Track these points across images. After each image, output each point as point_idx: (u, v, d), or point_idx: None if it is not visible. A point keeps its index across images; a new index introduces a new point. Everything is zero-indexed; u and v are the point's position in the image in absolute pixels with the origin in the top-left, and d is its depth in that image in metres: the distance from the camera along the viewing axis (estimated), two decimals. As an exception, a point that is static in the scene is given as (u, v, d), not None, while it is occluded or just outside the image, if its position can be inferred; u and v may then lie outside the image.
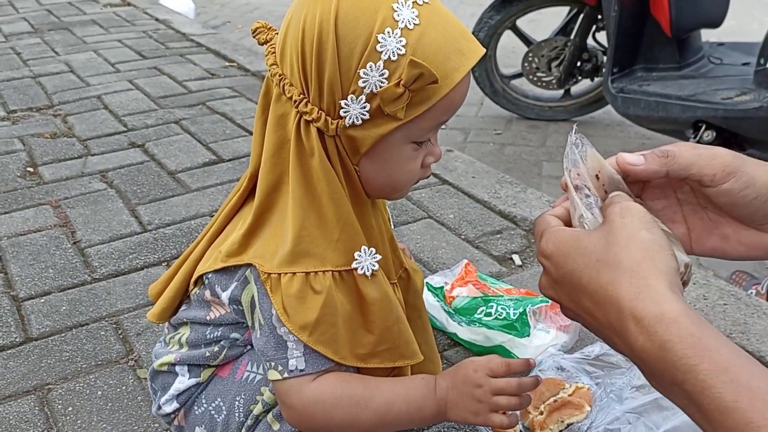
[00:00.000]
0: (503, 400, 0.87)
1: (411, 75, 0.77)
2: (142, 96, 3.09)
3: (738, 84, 2.70)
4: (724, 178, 0.70)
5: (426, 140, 0.87)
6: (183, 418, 1.03)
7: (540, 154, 3.33)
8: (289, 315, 0.85)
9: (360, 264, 0.88)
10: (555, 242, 0.69)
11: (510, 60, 3.94)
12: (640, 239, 0.64)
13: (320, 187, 0.85)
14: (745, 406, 0.53)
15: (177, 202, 2.12)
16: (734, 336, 1.49)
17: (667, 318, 0.58)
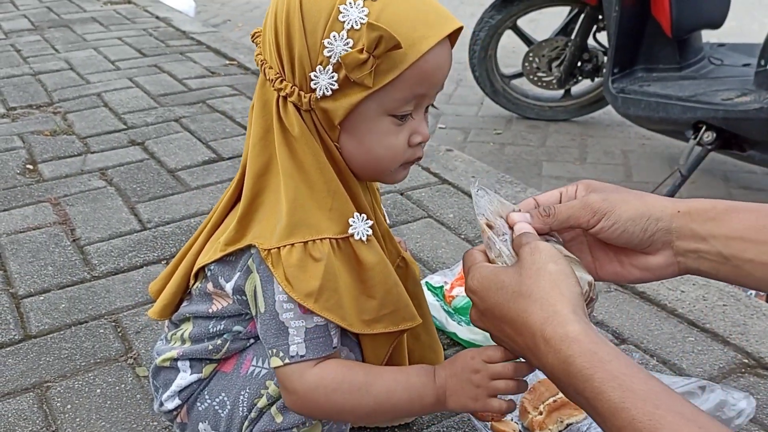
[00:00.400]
0: (501, 384, 0.88)
1: (371, 39, 0.79)
2: (142, 94, 3.09)
3: (738, 85, 2.70)
4: (595, 222, 0.83)
5: (406, 115, 0.88)
6: (186, 414, 1.03)
7: (540, 154, 3.33)
8: (293, 285, 0.86)
9: (355, 230, 0.90)
10: (479, 278, 0.81)
11: (510, 60, 3.93)
12: (548, 271, 0.75)
13: (306, 160, 0.88)
14: (629, 405, 0.63)
15: (177, 200, 2.12)
16: (733, 337, 1.49)
17: (570, 337, 0.69)
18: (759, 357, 1.44)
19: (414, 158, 0.93)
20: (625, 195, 0.85)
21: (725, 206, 0.83)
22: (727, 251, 0.81)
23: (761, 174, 3.06)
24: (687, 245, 0.83)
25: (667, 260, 0.85)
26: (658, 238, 0.84)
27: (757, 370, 1.41)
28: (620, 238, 0.84)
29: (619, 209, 0.83)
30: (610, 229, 0.83)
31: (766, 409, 1.31)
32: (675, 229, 0.83)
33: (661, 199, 0.86)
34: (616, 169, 3.16)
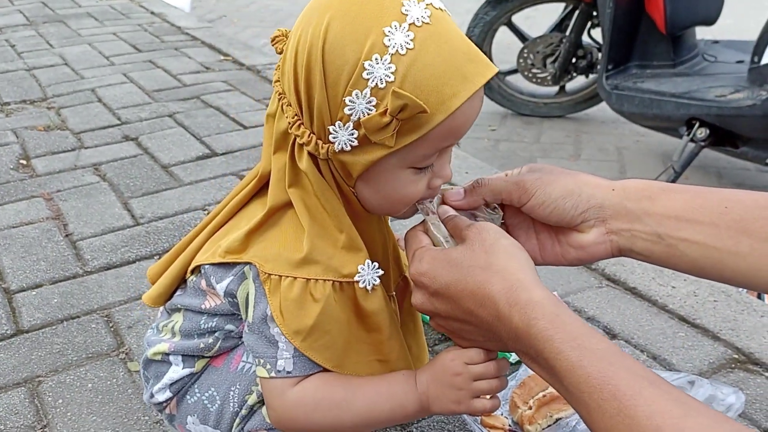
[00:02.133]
0: (484, 384, 0.87)
1: (395, 106, 0.74)
2: (136, 89, 3.08)
3: (732, 82, 2.71)
4: (526, 200, 0.86)
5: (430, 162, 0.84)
6: (175, 406, 1.03)
7: (534, 150, 3.34)
8: (285, 318, 0.85)
9: (362, 278, 0.88)
10: (429, 260, 0.81)
11: (505, 56, 3.94)
12: (502, 245, 0.78)
13: (317, 204, 0.86)
14: (586, 363, 0.67)
15: (170, 195, 2.12)
16: (724, 332, 1.50)
17: (534, 301, 0.72)
18: (749, 352, 1.44)
19: (432, 196, 0.90)
20: (559, 174, 0.87)
21: (660, 186, 0.84)
22: (661, 230, 0.81)
23: (754, 170, 3.07)
24: (620, 224, 0.84)
25: (598, 238, 0.85)
26: (590, 215, 0.84)
27: (747, 366, 1.42)
28: (552, 216, 0.86)
29: (549, 187, 0.85)
30: (541, 207, 0.85)
31: (755, 404, 1.31)
32: (609, 206, 0.84)
33: (595, 178, 0.87)
34: (611, 165, 3.17)
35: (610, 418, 0.64)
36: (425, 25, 0.77)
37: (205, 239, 0.99)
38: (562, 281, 1.69)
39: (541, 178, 0.86)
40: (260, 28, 5.72)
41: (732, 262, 0.79)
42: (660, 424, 0.61)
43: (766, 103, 2.47)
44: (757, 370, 1.40)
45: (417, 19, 0.76)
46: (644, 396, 0.63)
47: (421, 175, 0.84)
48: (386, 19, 0.76)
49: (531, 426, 1.18)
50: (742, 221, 0.79)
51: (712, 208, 0.80)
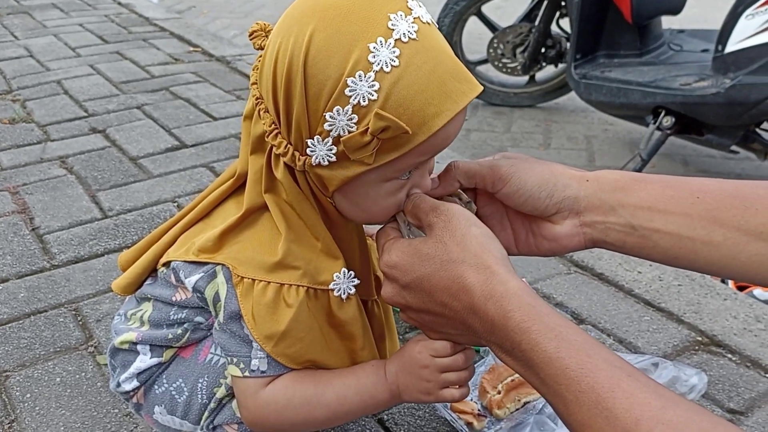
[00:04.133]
0: (452, 376, 0.88)
1: (377, 127, 0.73)
2: (103, 81, 3.04)
3: (697, 70, 2.75)
4: (500, 185, 0.84)
5: (408, 174, 0.83)
6: (142, 396, 1.03)
7: (505, 139, 3.36)
8: (257, 323, 0.85)
9: (338, 286, 0.88)
10: (399, 252, 0.80)
11: (476, 46, 3.95)
12: (473, 235, 0.76)
13: (292, 212, 0.86)
14: (563, 355, 0.66)
15: (139, 188, 2.10)
16: (688, 315, 1.53)
17: (510, 293, 0.71)
18: (712, 335, 1.48)
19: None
20: (534, 163, 0.85)
21: (633, 177, 0.84)
22: (635, 221, 0.81)
23: (719, 158, 3.12)
24: (594, 216, 0.83)
25: (571, 230, 0.84)
26: (565, 205, 0.83)
27: (710, 348, 1.45)
28: (526, 204, 0.84)
29: (525, 174, 0.83)
30: (516, 194, 0.84)
31: (718, 385, 1.35)
32: (583, 197, 0.83)
33: (569, 168, 0.86)
34: (579, 154, 3.21)
35: (588, 410, 0.63)
36: (412, 41, 0.74)
37: (179, 233, 0.98)
38: (531, 268, 1.71)
39: (516, 165, 0.84)
40: (230, 18, 5.66)
41: (705, 252, 0.79)
42: (638, 416, 0.60)
43: (730, 91, 2.51)
44: (720, 352, 1.44)
45: (403, 34, 0.74)
46: (623, 388, 0.62)
47: (401, 187, 0.83)
48: (372, 35, 0.73)
49: (500, 410, 1.20)
50: (714, 210, 0.79)
51: (683, 198, 0.80)
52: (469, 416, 1.19)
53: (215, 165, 2.25)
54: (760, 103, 2.48)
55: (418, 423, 1.24)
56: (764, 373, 1.38)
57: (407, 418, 1.25)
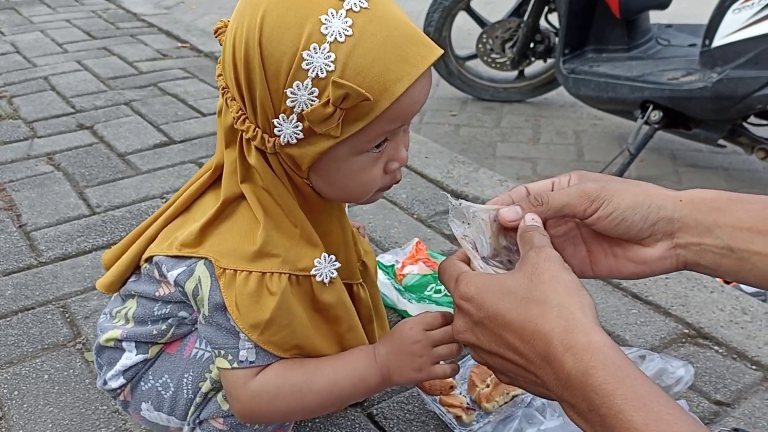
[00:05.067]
0: (443, 349, 0.89)
1: (337, 95, 0.73)
2: (90, 77, 3.02)
3: (684, 65, 2.76)
4: (593, 211, 0.77)
5: (382, 145, 0.83)
6: (129, 393, 1.02)
7: (494, 135, 3.37)
8: (241, 313, 0.84)
9: (319, 271, 0.88)
10: (476, 285, 0.72)
11: (465, 41, 3.95)
12: (564, 279, 0.69)
13: (268, 198, 0.86)
14: (653, 430, 0.58)
15: (127, 184, 2.09)
16: (675, 308, 1.54)
17: (594, 347, 0.63)
18: (699, 327, 1.49)
19: (392, 183, 0.89)
20: (623, 183, 0.79)
21: (728, 196, 0.78)
22: (733, 243, 0.76)
23: (707, 152, 3.14)
24: (689, 238, 0.77)
25: (664, 252, 0.79)
26: (659, 228, 0.77)
27: (696, 340, 1.46)
28: (618, 228, 0.78)
29: (618, 196, 0.77)
30: (608, 218, 0.77)
31: (704, 377, 1.36)
32: (678, 218, 0.77)
33: (660, 188, 0.80)
34: (568, 149, 3.21)
35: None
36: (363, 10, 0.75)
37: (160, 228, 0.98)
38: (520, 262, 1.72)
39: (606, 187, 0.77)
40: (218, 14, 5.63)
41: None
42: None
43: (717, 86, 2.52)
44: (707, 344, 1.45)
45: (354, 4, 0.75)
46: None
47: (375, 160, 0.84)
48: (322, 7, 0.75)
49: (488, 403, 1.20)
50: None
51: None
52: (458, 410, 1.19)
53: (204, 161, 2.24)
54: (747, 98, 2.49)
55: (407, 417, 1.25)
56: (750, 364, 1.39)
57: (396, 413, 1.25)
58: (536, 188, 0.82)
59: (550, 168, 3.03)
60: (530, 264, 0.71)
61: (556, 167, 3.04)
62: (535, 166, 3.05)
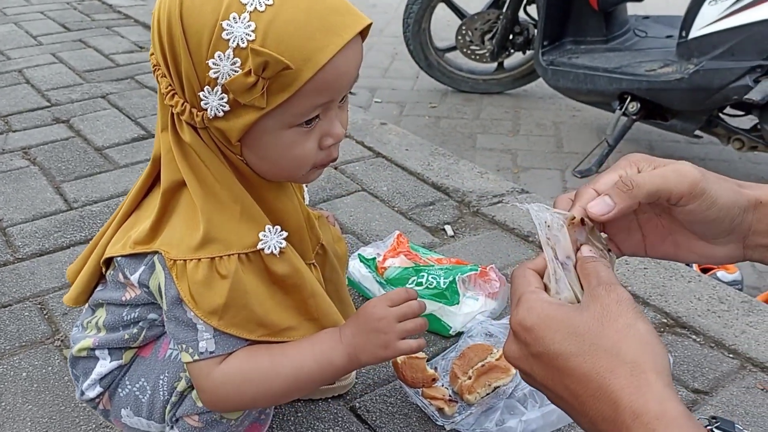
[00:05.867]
0: (409, 324, 0.89)
1: (257, 64, 0.73)
2: (66, 70, 2.98)
3: (661, 56, 2.78)
4: (691, 200, 0.69)
5: (313, 121, 0.82)
6: (108, 401, 1.01)
7: (474, 126, 3.37)
8: (197, 301, 0.84)
9: (266, 244, 0.87)
10: (539, 315, 0.64)
11: (444, 33, 3.95)
12: (638, 330, 0.61)
13: (209, 174, 0.85)
14: None
15: (104, 178, 2.06)
16: (653, 298, 1.56)
17: (668, 417, 0.56)
18: (677, 316, 1.51)
19: (328, 161, 0.89)
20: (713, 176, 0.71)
21: None
22: None
23: (684, 143, 3.17)
24: (760, 240, 0.74)
25: (734, 252, 0.75)
26: (736, 232, 0.72)
27: (675, 329, 1.48)
28: (707, 224, 0.71)
29: (718, 191, 0.69)
30: (704, 213, 0.69)
31: (683, 366, 1.37)
32: (754, 221, 0.73)
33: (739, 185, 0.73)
34: (548, 140, 3.23)
35: None
36: None
37: (116, 230, 0.97)
38: (501, 254, 1.73)
39: (706, 176, 0.69)
40: (196, 5, 5.57)
41: None
42: None
43: (693, 77, 2.55)
44: (685, 333, 1.46)
45: None
46: None
47: (308, 135, 0.83)
48: None
49: (470, 395, 1.21)
50: None
51: None
52: (440, 402, 1.20)
53: (182, 154, 2.22)
54: (723, 89, 2.51)
55: (390, 410, 1.25)
56: (728, 353, 1.41)
57: (379, 406, 1.26)
58: (605, 187, 0.71)
59: (530, 159, 3.04)
60: (600, 305, 0.63)
61: (536, 158, 3.05)
62: (514, 158, 3.06)
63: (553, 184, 2.85)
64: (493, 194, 2.01)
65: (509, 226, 1.85)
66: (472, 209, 1.94)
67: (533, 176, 2.91)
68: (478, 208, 1.94)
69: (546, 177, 2.91)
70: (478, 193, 2.01)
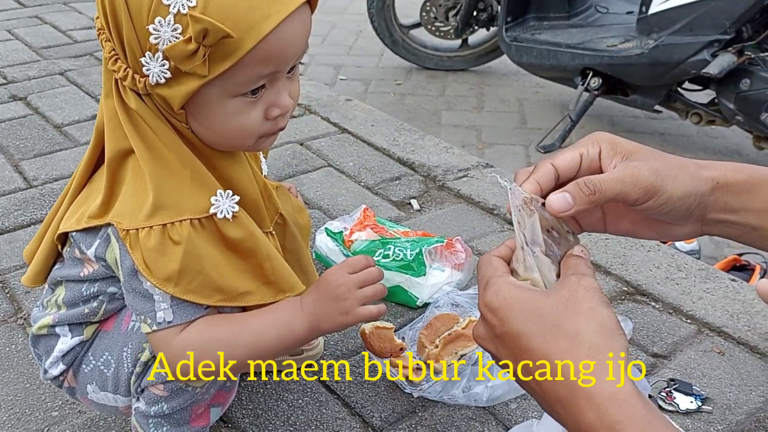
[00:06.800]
0: (369, 290, 0.90)
1: (197, 31, 0.72)
2: (22, 46, 2.90)
3: (622, 32, 2.82)
4: (646, 200, 0.72)
5: (259, 89, 0.82)
6: (72, 378, 1.00)
7: (439, 103, 3.38)
8: (151, 269, 0.83)
9: (218, 208, 0.86)
10: (505, 297, 0.67)
11: (409, 10, 3.94)
12: (600, 314, 0.63)
13: (156, 140, 0.84)
14: None
15: (65, 156, 2.03)
16: (615, 267, 1.60)
17: (620, 398, 0.58)
18: (637, 284, 1.55)
19: (275, 130, 0.88)
20: (671, 167, 0.74)
21: (760, 176, 0.77)
22: (757, 222, 0.76)
23: (644, 118, 3.23)
24: (717, 216, 0.77)
25: (693, 229, 0.78)
26: (694, 212, 0.75)
27: (635, 297, 1.52)
28: (659, 214, 0.74)
29: (671, 187, 0.72)
30: (657, 208, 0.73)
31: (642, 331, 1.41)
32: (711, 201, 0.76)
33: (698, 167, 0.76)
34: (512, 116, 3.26)
35: None
36: None
37: (69, 205, 0.95)
38: (466, 226, 1.75)
39: (659, 174, 0.72)
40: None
41: None
42: None
43: (653, 52, 2.59)
44: (644, 300, 1.51)
45: None
46: None
47: (253, 105, 0.83)
48: None
49: (437, 363, 1.23)
50: None
51: None
52: (408, 370, 1.22)
53: (145, 132, 2.19)
54: (682, 63, 2.56)
55: (358, 380, 1.26)
56: (685, 318, 1.45)
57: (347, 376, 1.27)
58: (564, 163, 0.74)
59: (494, 135, 3.07)
60: (568, 290, 0.65)
61: (500, 134, 3.08)
62: (479, 134, 3.08)
63: (517, 159, 2.88)
64: (459, 168, 2.03)
65: (474, 199, 1.87)
66: (437, 183, 1.96)
67: (497, 152, 2.94)
68: (444, 182, 1.95)
69: (510, 153, 2.94)
70: (444, 167, 2.03)
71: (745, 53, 2.51)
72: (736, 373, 1.31)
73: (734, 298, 1.51)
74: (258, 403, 1.21)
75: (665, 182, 0.72)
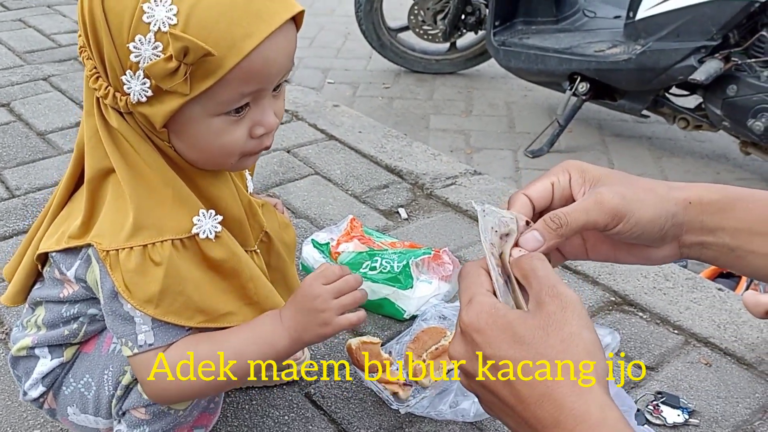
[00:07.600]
0: (346, 299, 0.89)
1: (177, 49, 0.71)
2: (5, 50, 2.87)
3: (610, 37, 2.83)
4: (613, 225, 0.73)
5: (243, 109, 0.81)
6: (53, 400, 0.99)
7: (427, 107, 3.38)
8: (131, 291, 0.82)
9: (201, 228, 0.85)
10: (487, 320, 0.66)
11: (397, 12, 3.93)
12: (583, 340, 0.64)
13: (138, 160, 0.83)
14: None
15: (48, 164, 2.00)
16: (602, 278, 1.59)
17: (609, 423, 0.60)
18: (624, 294, 1.55)
19: (259, 149, 0.87)
20: (638, 190, 0.75)
21: (734, 195, 0.78)
22: (733, 243, 0.77)
23: (632, 122, 3.24)
24: (694, 238, 0.78)
25: (671, 252, 0.79)
26: (669, 234, 0.76)
27: (622, 307, 1.52)
28: (635, 239, 0.76)
29: (639, 210, 0.73)
30: (628, 232, 0.74)
31: (630, 342, 1.41)
32: (686, 222, 0.77)
33: (669, 189, 0.77)
34: (500, 120, 3.26)
35: None
36: None
37: (50, 223, 0.94)
38: (454, 236, 1.74)
39: (625, 198, 0.73)
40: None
41: None
42: None
43: (640, 57, 2.60)
44: (632, 311, 1.50)
45: None
46: None
47: (237, 124, 0.81)
48: None
49: (425, 378, 1.22)
50: None
51: None
52: (395, 386, 1.21)
53: (130, 139, 2.17)
54: (669, 69, 2.57)
55: (345, 395, 1.25)
56: (673, 329, 1.45)
57: (334, 391, 1.26)
58: (537, 194, 0.76)
59: (483, 140, 3.07)
60: (545, 313, 0.65)
61: (489, 139, 3.08)
62: (467, 138, 3.08)
63: (506, 164, 2.88)
64: (447, 176, 2.02)
65: (462, 208, 1.86)
66: (425, 191, 1.95)
67: (486, 156, 2.93)
68: (432, 190, 1.95)
69: (499, 157, 2.94)
70: (432, 175, 2.02)
71: (732, 59, 2.52)
72: (723, 384, 1.31)
73: (721, 308, 1.52)
74: (243, 420, 1.20)
75: (632, 206, 0.73)
